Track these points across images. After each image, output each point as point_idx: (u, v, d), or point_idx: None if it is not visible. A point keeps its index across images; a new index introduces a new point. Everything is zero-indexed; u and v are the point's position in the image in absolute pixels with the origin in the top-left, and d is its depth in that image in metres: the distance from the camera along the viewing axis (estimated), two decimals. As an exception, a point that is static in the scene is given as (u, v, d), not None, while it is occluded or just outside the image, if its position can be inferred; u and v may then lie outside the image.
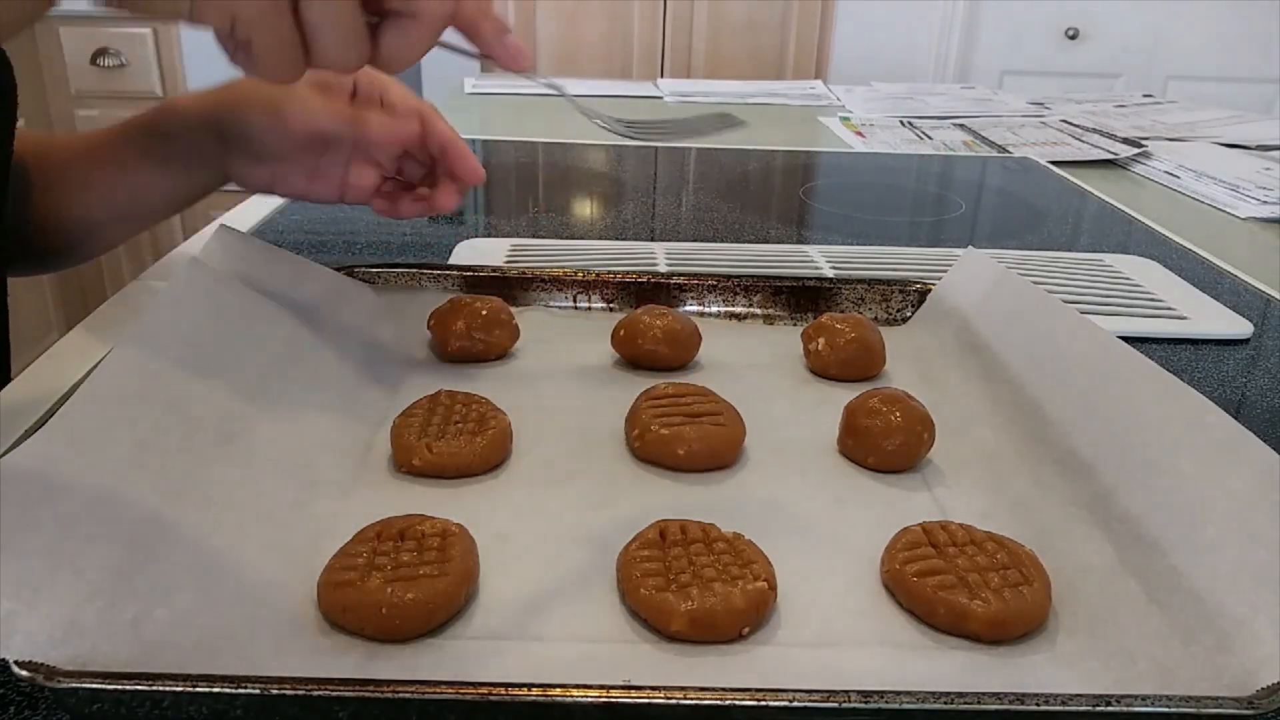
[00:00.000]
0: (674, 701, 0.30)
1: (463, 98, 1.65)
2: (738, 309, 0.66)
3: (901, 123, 1.50)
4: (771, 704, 0.30)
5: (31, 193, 0.62)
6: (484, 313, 0.58)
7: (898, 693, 0.30)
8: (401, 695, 0.30)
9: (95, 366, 0.42)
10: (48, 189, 0.62)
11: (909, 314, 0.65)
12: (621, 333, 0.58)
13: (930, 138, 1.40)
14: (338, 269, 0.63)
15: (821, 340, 0.58)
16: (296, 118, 0.54)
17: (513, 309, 0.60)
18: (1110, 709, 0.30)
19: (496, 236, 0.86)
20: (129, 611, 0.33)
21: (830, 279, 0.66)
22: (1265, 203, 1.05)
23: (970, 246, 0.67)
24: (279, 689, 0.30)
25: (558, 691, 0.30)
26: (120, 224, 0.64)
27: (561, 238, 0.86)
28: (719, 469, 0.48)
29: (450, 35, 0.43)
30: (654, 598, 0.36)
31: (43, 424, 0.48)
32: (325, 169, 0.57)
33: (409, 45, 0.39)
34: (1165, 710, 0.30)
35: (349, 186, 0.58)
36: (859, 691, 0.30)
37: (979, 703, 0.30)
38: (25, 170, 0.62)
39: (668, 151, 1.24)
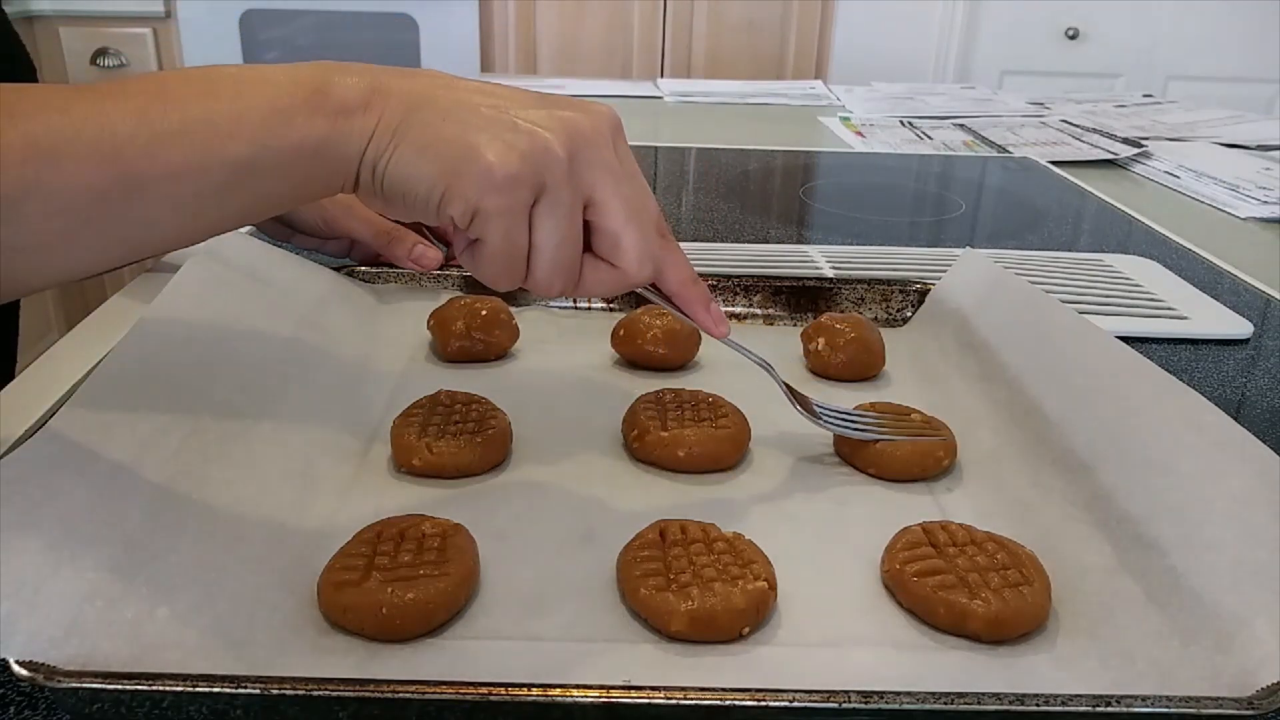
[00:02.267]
0: (674, 701, 0.30)
1: (463, 98, 1.65)
2: (738, 309, 0.66)
3: (901, 123, 1.50)
4: (771, 704, 0.30)
5: None
6: (484, 313, 0.58)
7: (898, 693, 0.30)
8: (401, 695, 0.30)
9: (95, 367, 0.42)
10: None
11: (909, 314, 0.65)
12: (621, 332, 0.58)
13: (930, 138, 1.40)
14: (337, 269, 0.63)
15: (821, 340, 0.58)
16: (337, 219, 0.59)
17: (512, 309, 0.60)
18: (1110, 709, 0.30)
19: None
20: (130, 611, 0.33)
21: (830, 279, 0.66)
22: (1265, 203, 1.05)
23: (969, 247, 0.67)
24: (279, 689, 0.30)
25: (558, 691, 0.30)
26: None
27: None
28: (719, 470, 0.48)
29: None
30: (654, 597, 0.36)
31: (43, 424, 0.48)
32: (339, 246, 0.62)
33: (605, 286, 0.41)
34: (1165, 710, 0.30)
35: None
36: (859, 691, 0.30)
37: (979, 703, 0.30)
38: None
39: (668, 151, 1.24)
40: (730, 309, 0.66)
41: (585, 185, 0.38)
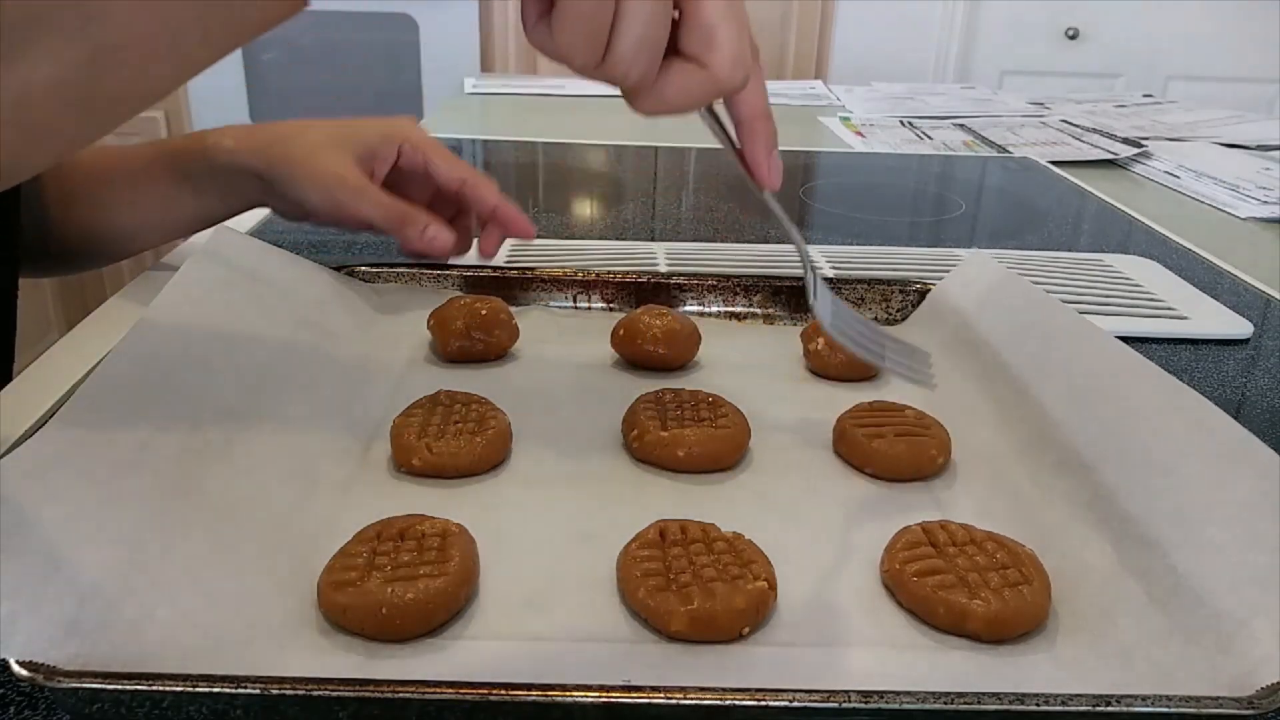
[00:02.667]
0: (674, 701, 0.30)
1: (463, 98, 1.65)
2: (738, 309, 0.66)
3: (901, 123, 1.50)
4: (771, 704, 0.30)
5: (55, 202, 0.63)
6: (484, 312, 0.58)
7: (898, 693, 0.30)
8: (401, 695, 0.30)
9: (95, 367, 0.42)
10: (73, 200, 0.63)
11: (910, 314, 0.65)
12: (621, 332, 0.58)
13: (930, 138, 1.40)
14: (338, 269, 0.63)
15: (821, 340, 0.58)
16: (349, 202, 0.57)
17: (512, 309, 0.60)
18: (1110, 709, 0.30)
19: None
20: (130, 612, 0.33)
21: (831, 279, 0.66)
22: (1265, 203, 1.05)
23: (970, 247, 0.67)
24: (279, 689, 0.30)
25: (558, 691, 0.30)
26: (144, 238, 0.67)
27: (561, 238, 0.86)
28: (719, 470, 0.48)
29: (722, 114, 0.41)
30: (654, 597, 0.36)
31: (43, 424, 0.48)
32: (358, 228, 0.61)
33: (687, 92, 0.37)
34: (1165, 710, 0.30)
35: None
36: (859, 691, 0.30)
37: (979, 703, 0.30)
38: (50, 179, 0.63)
39: (668, 151, 1.24)
40: (730, 309, 0.66)
41: None
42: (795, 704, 0.30)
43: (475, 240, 0.62)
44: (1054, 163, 1.24)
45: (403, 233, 0.58)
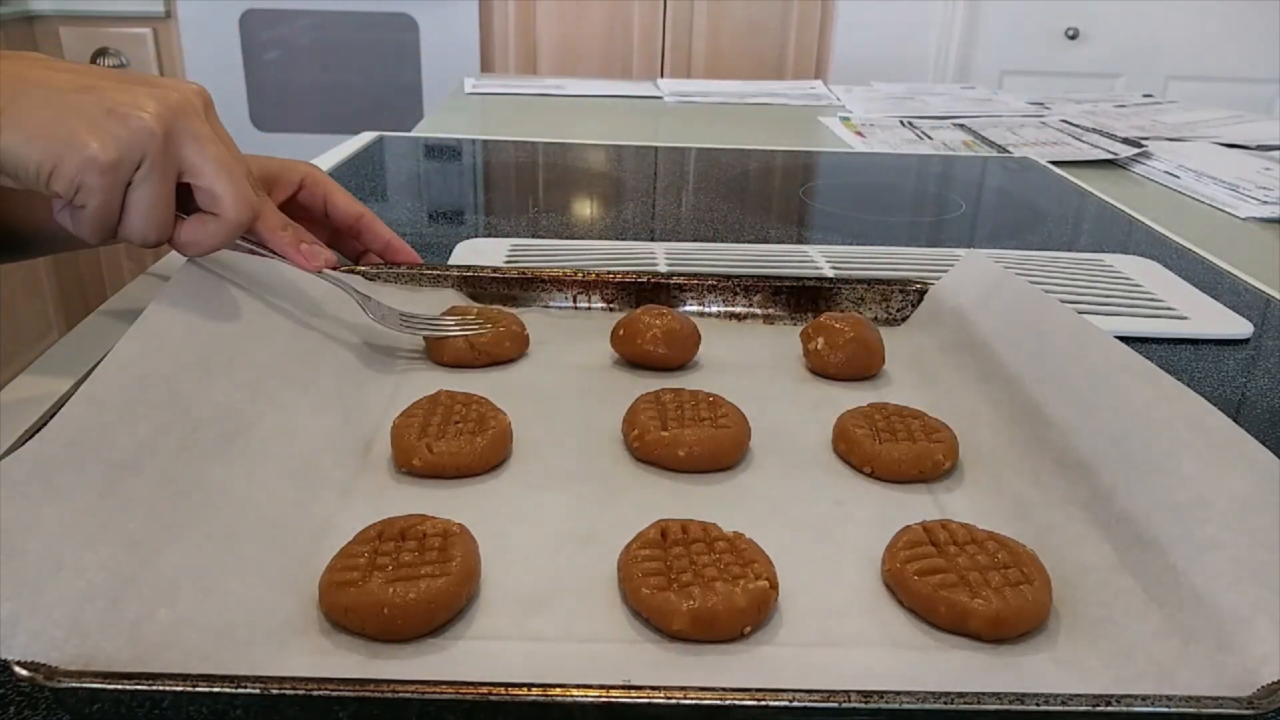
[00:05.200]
0: (674, 701, 0.30)
1: (462, 98, 1.65)
2: (738, 309, 0.66)
3: (901, 123, 1.50)
4: (771, 704, 0.30)
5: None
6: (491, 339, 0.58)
7: (898, 693, 0.30)
8: (402, 695, 0.30)
9: (95, 367, 0.42)
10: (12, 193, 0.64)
11: (909, 314, 0.65)
12: (621, 332, 0.58)
13: (930, 138, 1.40)
14: (337, 269, 0.63)
15: (820, 340, 0.58)
16: None
17: (511, 310, 0.60)
18: (1110, 709, 0.30)
19: (496, 236, 0.86)
20: (131, 611, 0.33)
21: (830, 279, 0.66)
22: (1265, 203, 1.05)
23: (970, 247, 0.67)
24: (279, 689, 0.30)
25: (558, 691, 0.30)
26: (53, 242, 0.69)
27: (561, 238, 0.86)
28: (719, 470, 0.48)
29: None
30: (655, 597, 0.36)
31: (43, 424, 0.48)
32: (242, 244, 0.62)
33: (206, 238, 0.48)
34: (1165, 710, 0.30)
35: None
36: (859, 691, 0.30)
37: (979, 703, 0.30)
38: None
39: (668, 151, 1.24)
40: (730, 309, 0.66)
41: (179, 153, 0.45)
42: (795, 704, 0.30)
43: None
44: (1054, 163, 1.24)
45: (283, 243, 0.59)
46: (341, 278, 0.56)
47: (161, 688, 0.30)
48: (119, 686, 0.30)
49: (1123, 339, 0.50)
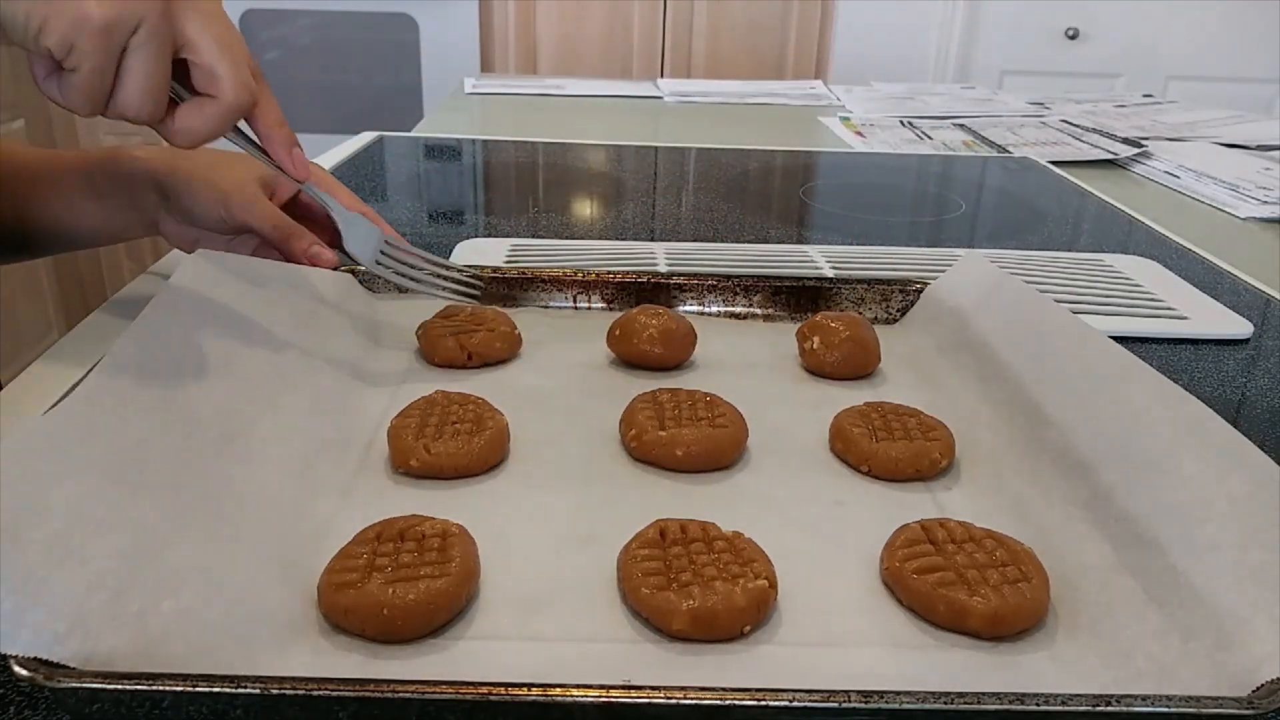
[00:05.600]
0: (674, 701, 0.30)
1: (463, 98, 1.65)
2: (737, 309, 0.66)
3: (901, 123, 1.50)
4: (771, 704, 0.30)
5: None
6: (479, 339, 0.58)
7: (898, 693, 0.30)
8: (401, 695, 0.30)
9: (95, 366, 0.42)
10: (13, 194, 0.64)
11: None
12: (617, 332, 0.58)
13: (930, 138, 1.40)
14: (337, 269, 0.63)
15: (816, 339, 0.58)
16: (239, 211, 0.59)
17: (509, 310, 0.60)
18: (1110, 709, 0.30)
19: (496, 236, 0.86)
20: (135, 603, 0.33)
21: (830, 279, 0.66)
22: (1265, 203, 1.05)
23: (969, 247, 0.67)
24: (279, 689, 0.30)
25: (558, 691, 0.30)
26: (53, 243, 0.67)
27: (561, 238, 0.86)
28: (717, 469, 0.48)
29: (246, 130, 0.49)
30: (655, 597, 0.36)
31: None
32: (244, 245, 0.62)
33: (201, 122, 0.45)
34: (1165, 710, 0.30)
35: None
36: (859, 691, 0.30)
37: (979, 703, 0.30)
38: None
39: (668, 151, 1.24)
40: (730, 309, 0.66)
41: (178, 26, 0.42)
42: (795, 704, 0.30)
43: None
44: (1054, 163, 1.24)
45: (288, 246, 0.60)
46: (324, 199, 0.55)
47: (161, 688, 0.30)
48: (119, 687, 0.30)
49: (1123, 339, 0.50)
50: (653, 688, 0.30)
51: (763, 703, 0.30)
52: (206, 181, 0.59)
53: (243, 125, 0.49)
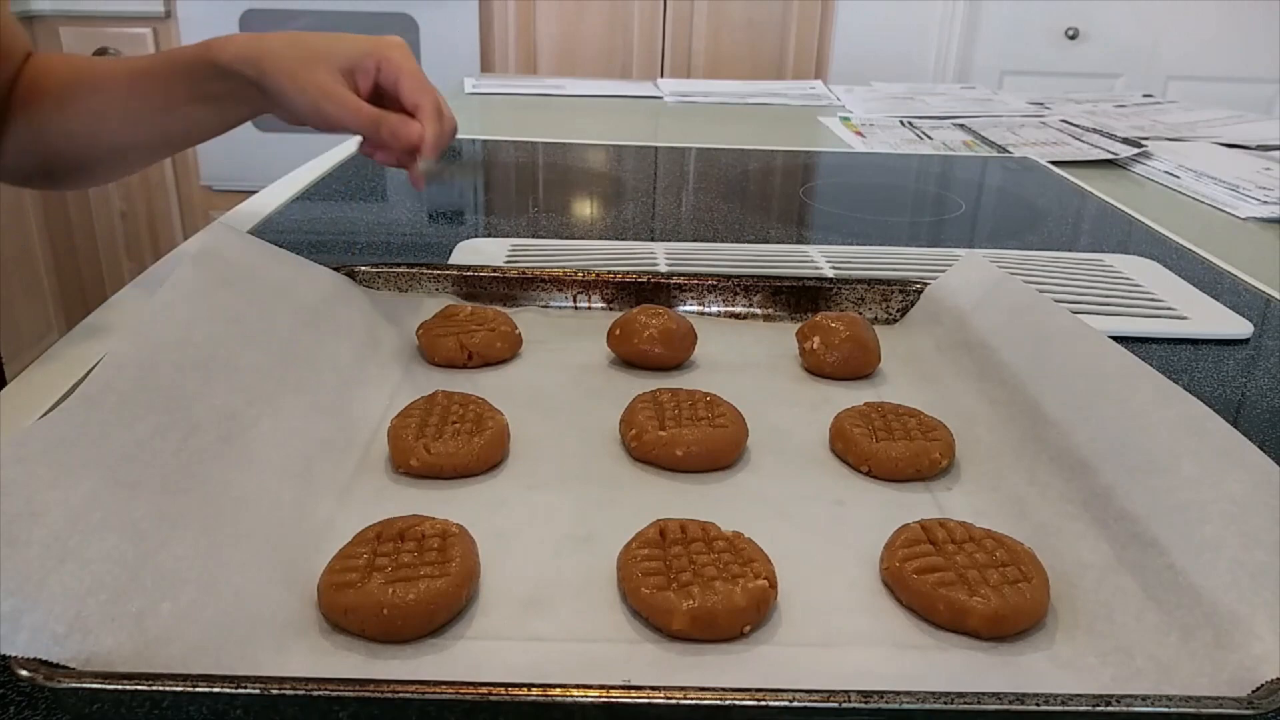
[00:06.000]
0: (674, 701, 0.30)
1: (463, 98, 1.65)
2: (738, 309, 0.66)
3: (901, 123, 1.50)
4: (771, 704, 0.30)
5: (55, 114, 0.67)
6: (480, 339, 0.58)
7: (898, 693, 0.30)
8: (401, 695, 0.30)
9: (95, 366, 0.42)
10: (78, 113, 0.67)
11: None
12: (617, 332, 0.58)
13: (930, 138, 1.40)
14: (337, 269, 0.63)
15: (816, 339, 0.58)
16: (331, 118, 0.63)
17: (511, 309, 0.60)
18: (1110, 709, 0.30)
19: (496, 236, 0.86)
20: (134, 604, 0.33)
21: (830, 279, 0.66)
22: (1265, 203, 1.05)
23: (969, 247, 0.67)
24: (279, 689, 0.30)
25: (558, 691, 0.30)
26: (153, 150, 0.71)
27: (561, 238, 0.86)
28: (717, 469, 0.48)
29: None
30: (655, 596, 0.36)
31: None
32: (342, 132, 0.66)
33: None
34: (1165, 710, 0.30)
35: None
36: (859, 691, 0.30)
37: (979, 703, 0.30)
38: (49, 90, 0.67)
39: (668, 151, 1.24)
40: (730, 309, 0.66)
41: None
42: (795, 704, 0.30)
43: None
44: (1054, 163, 1.24)
45: (376, 132, 0.63)
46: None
47: (161, 688, 0.30)
48: (119, 687, 0.30)
49: (1123, 339, 0.50)
50: (653, 688, 0.30)
51: (763, 703, 0.30)
52: (299, 84, 0.62)
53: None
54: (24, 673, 0.29)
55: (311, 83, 0.62)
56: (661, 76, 2.28)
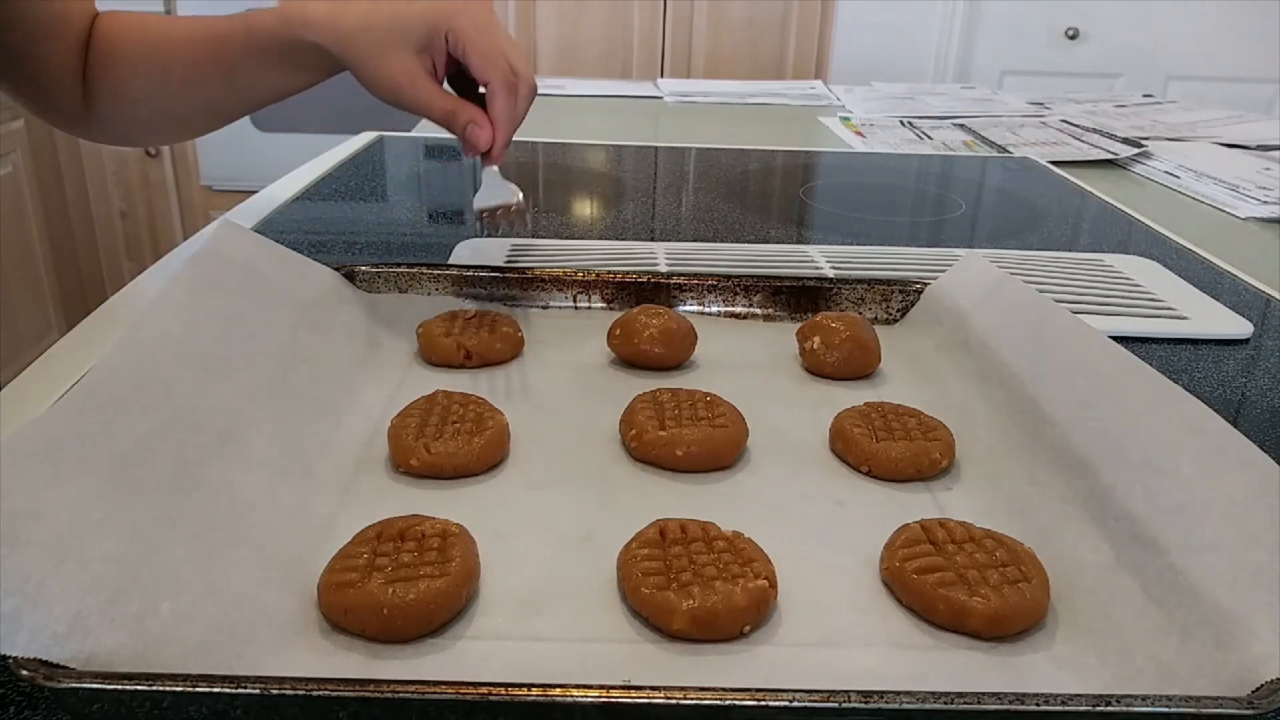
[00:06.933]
0: (674, 701, 0.30)
1: (463, 98, 1.65)
2: (738, 309, 0.66)
3: (901, 123, 1.50)
4: (771, 704, 0.30)
5: (131, 78, 0.68)
6: (483, 340, 0.58)
7: (897, 693, 0.30)
8: (401, 695, 0.30)
9: (94, 366, 0.42)
10: (154, 76, 0.68)
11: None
12: (617, 332, 0.58)
13: (930, 138, 1.40)
14: (337, 269, 0.63)
15: (816, 339, 0.58)
16: (408, 102, 0.63)
17: (510, 309, 0.60)
18: (1110, 709, 0.30)
19: (496, 236, 0.86)
20: (134, 605, 0.33)
21: (830, 279, 0.66)
22: (1265, 203, 1.05)
23: (969, 247, 0.67)
24: (279, 689, 0.30)
25: (558, 691, 0.30)
26: (228, 112, 0.72)
27: (561, 238, 0.86)
28: (717, 469, 0.48)
29: None
30: (655, 596, 0.36)
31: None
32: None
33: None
34: (1165, 710, 0.30)
35: None
36: (859, 691, 0.30)
37: (979, 703, 0.30)
38: (125, 54, 0.68)
39: (667, 151, 1.24)
40: (730, 309, 0.66)
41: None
42: (795, 704, 0.30)
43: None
44: (1054, 163, 1.24)
45: (450, 126, 0.63)
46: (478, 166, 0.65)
47: (161, 688, 0.30)
48: (119, 687, 0.30)
49: (1123, 339, 0.50)
50: (653, 688, 0.30)
51: (763, 703, 0.30)
52: (376, 70, 0.62)
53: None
54: (24, 673, 0.29)
55: (388, 70, 0.62)
56: (661, 76, 2.28)
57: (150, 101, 0.69)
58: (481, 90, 0.63)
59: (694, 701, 0.30)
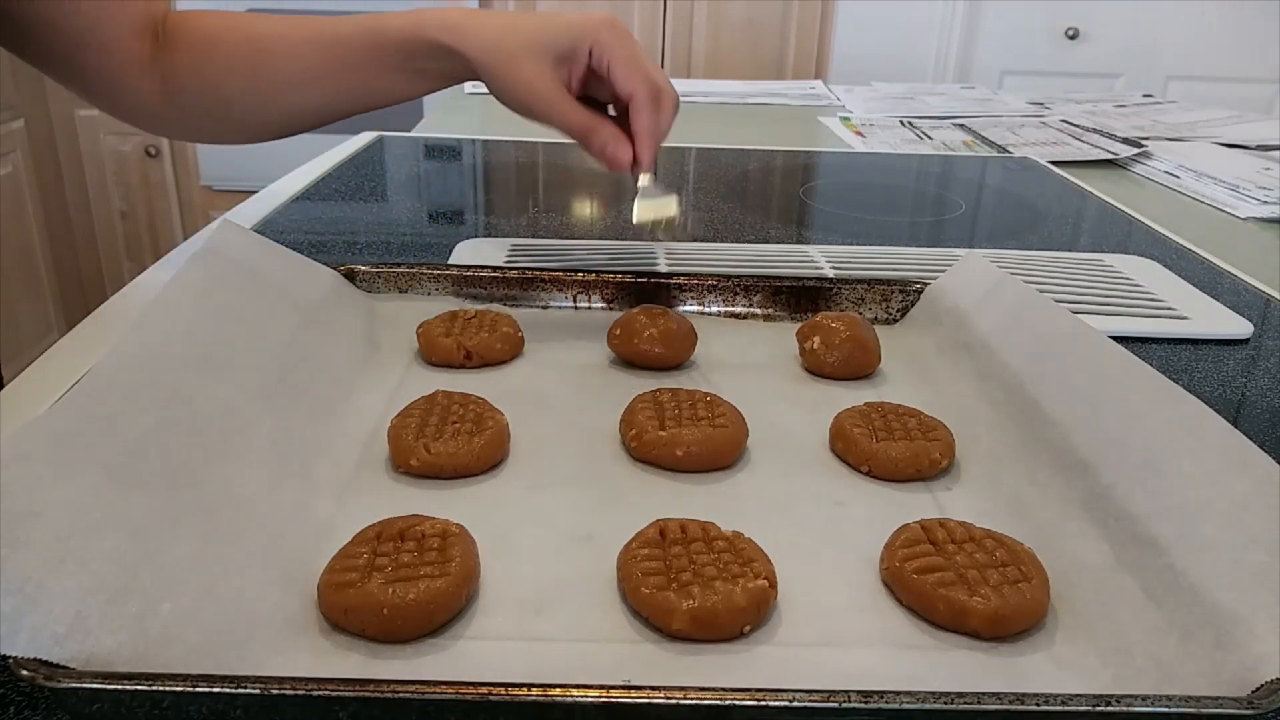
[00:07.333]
0: (674, 701, 0.30)
1: (463, 98, 1.65)
2: (738, 309, 0.66)
3: (901, 123, 1.50)
4: (771, 704, 0.30)
5: (227, 78, 0.67)
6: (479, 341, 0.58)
7: (898, 693, 0.30)
8: (401, 695, 0.30)
9: (94, 366, 0.42)
10: (257, 78, 0.67)
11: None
12: (617, 332, 0.58)
13: (930, 138, 1.40)
14: (337, 269, 0.63)
15: (816, 339, 0.58)
16: (542, 116, 0.63)
17: (510, 309, 0.60)
18: (1110, 709, 0.30)
19: (496, 236, 0.86)
20: (134, 605, 0.33)
21: (830, 279, 0.66)
22: (1265, 203, 1.05)
23: (969, 247, 0.67)
24: (279, 689, 0.30)
25: (558, 691, 0.30)
26: (335, 113, 0.70)
27: (561, 238, 0.86)
28: (717, 469, 0.48)
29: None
30: (655, 596, 0.36)
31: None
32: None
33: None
34: (1165, 710, 0.30)
35: None
36: (859, 691, 0.30)
37: (979, 703, 0.30)
38: (225, 51, 0.67)
39: (668, 151, 1.24)
40: (730, 309, 0.66)
41: None
42: (795, 704, 0.30)
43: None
44: (1054, 163, 1.24)
45: (587, 142, 0.63)
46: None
47: (161, 688, 0.30)
48: (119, 687, 0.30)
49: (1123, 339, 0.50)
50: (653, 688, 0.30)
51: (763, 703, 0.30)
52: (510, 80, 0.61)
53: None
54: (24, 673, 0.29)
55: (525, 77, 0.61)
56: (661, 76, 2.28)
57: (245, 101, 0.67)
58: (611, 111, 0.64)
59: (694, 701, 0.30)
